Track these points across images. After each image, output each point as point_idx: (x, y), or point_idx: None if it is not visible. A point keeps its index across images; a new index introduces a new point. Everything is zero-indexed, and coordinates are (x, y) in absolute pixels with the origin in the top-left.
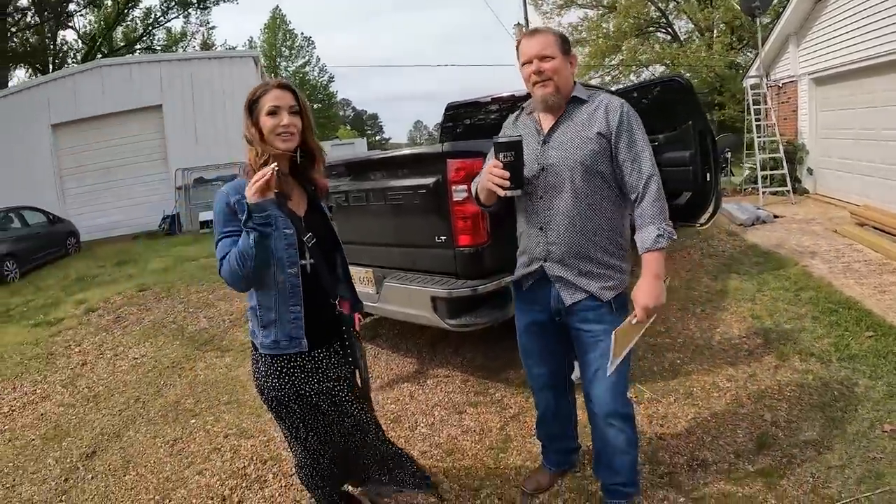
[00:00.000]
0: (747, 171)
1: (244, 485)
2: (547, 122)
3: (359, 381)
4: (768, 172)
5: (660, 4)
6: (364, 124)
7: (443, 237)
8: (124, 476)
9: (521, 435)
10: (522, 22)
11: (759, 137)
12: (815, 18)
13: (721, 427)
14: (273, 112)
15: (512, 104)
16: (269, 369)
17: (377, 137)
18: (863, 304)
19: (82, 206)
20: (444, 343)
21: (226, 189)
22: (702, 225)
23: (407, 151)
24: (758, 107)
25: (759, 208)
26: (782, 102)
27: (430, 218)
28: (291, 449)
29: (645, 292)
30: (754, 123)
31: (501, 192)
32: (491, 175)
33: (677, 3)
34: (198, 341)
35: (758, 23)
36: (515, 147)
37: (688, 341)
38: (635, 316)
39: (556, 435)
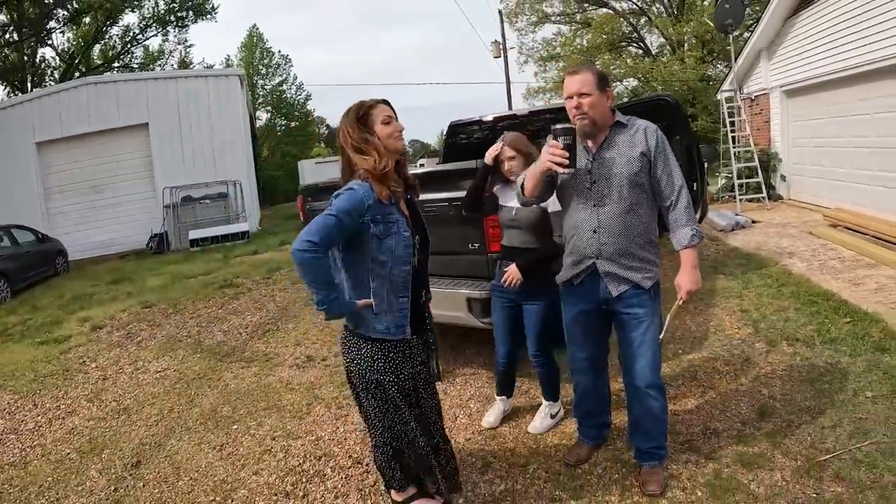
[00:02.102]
0: (723, 180)
1: (304, 480)
2: (594, 143)
3: (434, 367)
4: (744, 181)
5: (632, 20)
6: None
7: (476, 244)
8: (177, 482)
9: None
10: (500, 39)
11: (734, 148)
12: (785, 34)
13: (726, 402)
14: (387, 121)
15: (513, 122)
16: (374, 354)
17: None
18: (839, 295)
19: (69, 225)
20: (465, 345)
21: (363, 189)
22: None
23: (441, 168)
24: (732, 119)
25: (737, 214)
26: (755, 114)
27: (465, 227)
28: (374, 430)
29: (687, 279)
30: (730, 135)
31: (560, 170)
32: (552, 155)
33: (649, 18)
34: (219, 353)
35: (731, 38)
36: (572, 133)
37: (686, 334)
38: (681, 298)
39: (593, 411)
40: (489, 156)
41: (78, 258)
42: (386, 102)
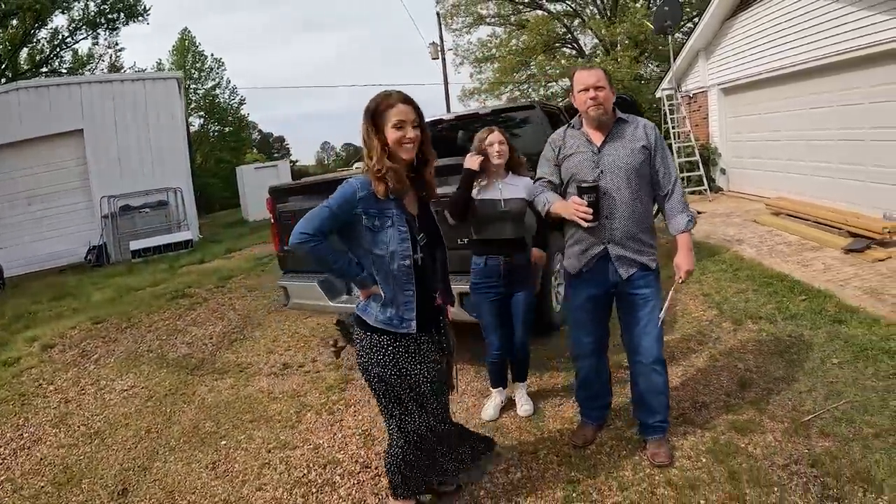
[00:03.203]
0: None
1: (314, 490)
2: (597, 136)
3: (445, 371)
4: (686, 174)
5: (566, 22)
6: (271, 147)
7: (465, 239)
8: None
9: (551, 405)
10: (437, 41)
11: (675, 143)
12: (723, 35)
13: (707, 378)
14: (399, 126)
15: (475, 121)
16: (375, 347)
17: (283, 160)
18: (792, 276)
19: (1, 240)
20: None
21: (356, 181)
22: None
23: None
24: (673, 115)
25: None
26: (693, 111)
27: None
28: (388, 429)
29: (685, 260)
30: (671, 131)
31: (585, 224)
32: (577, 211)
33: (583, 20)
34: (187, 367)
35: (669, 40)
36: (596, 191)
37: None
38: (681, 277)
39: (596, 393)
40: (475, 162)
41: (12, 275)
42: (408, 101)
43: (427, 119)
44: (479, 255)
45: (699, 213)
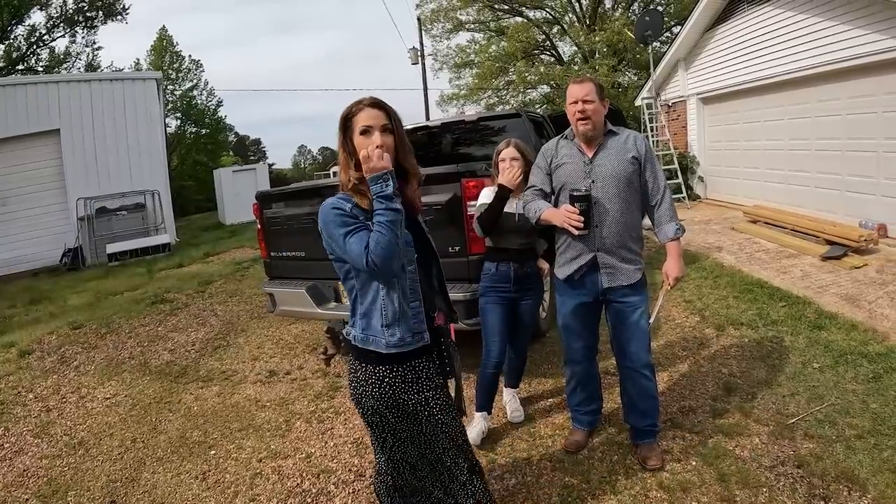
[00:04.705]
0: None
1: (308, 499)
2: (588, 147)
3: (453, 392)
4: None
5: (545, 29)
6: (248, 150)
7: (457, 247)
8: None
9: (541, 411)
10: (417, 46)
11: (654, 151)
12: (702, 46)
13: (693, 383)
14: (366, 131)
15: (462, 128)
16: (370, 379)
17: (261, 163)
18: (771, 283)
19: None
20: None
21: (336, 200)
22: None
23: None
24: (652, 124)
25: None
26: (672, 119)
27: (445, 230)
28: (376, 457)
29: (674, 268)
30: (651, 139)
31: (576, 233)
32: (568, 219)
33: (562, 27)
34: (171, 374)
35: (650, 49)
36: (588, 199)
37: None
38: (669, 284)
39: (589, 397)
40: (511, 181)
41: None
42: (377, 105)
43: (410, 125)
44: (491, 262)
45: None
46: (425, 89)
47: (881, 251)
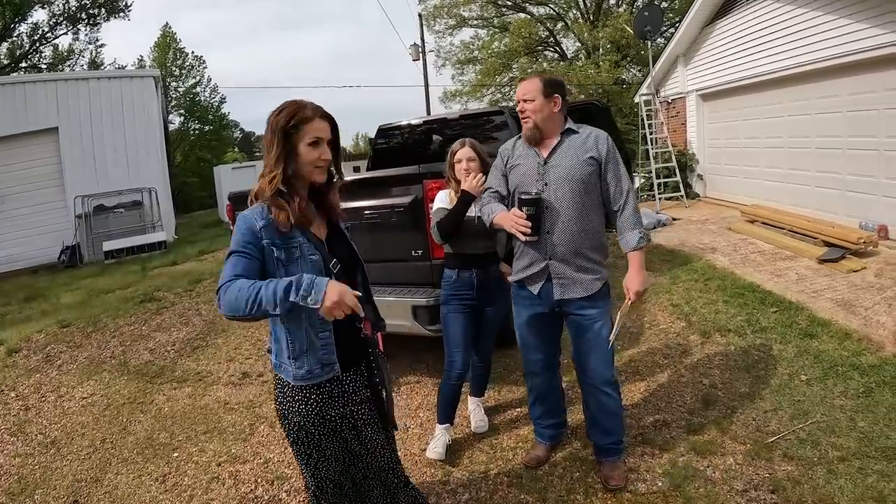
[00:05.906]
0: (641, 180)
1: None
2: (544, 148)
3: (388, 405)
4: (662, 180)
5: (549, 25)
6: (252, 146)
7: (419, 251)
8: None
9: (506, 422)
10: (419, 42)
11: (652, 149)
12: (702, 42)
13: (670, 394)
14: (316, 143)
15: (443, 125)
16: (295, 395)
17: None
18: (764, 286)
19: None
20: (403, 354)
21: (250, 213)
22: None
23: (383, 173)
24: (651, 121)
25: (658, 213)
26: (671, 116)
27: (407, 234)
28: (302, 475)
29: (635, 281)
30: (648, 136)
31: (523, 238)
32: (516, 224)
33: (566, 23)
34: (147, 374)
35: (649, 45)
36: (537, 203)
37: (622, 330)
38: (630, 299)
39: (550, 411)
40: (476, 189)
41: None
42: (326, 117)
43: (389, 123)
44: (451, 269)
45: (675, 219)
46: (426, 86)
47: (881, 254)
